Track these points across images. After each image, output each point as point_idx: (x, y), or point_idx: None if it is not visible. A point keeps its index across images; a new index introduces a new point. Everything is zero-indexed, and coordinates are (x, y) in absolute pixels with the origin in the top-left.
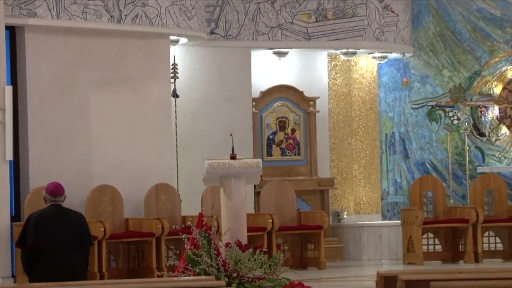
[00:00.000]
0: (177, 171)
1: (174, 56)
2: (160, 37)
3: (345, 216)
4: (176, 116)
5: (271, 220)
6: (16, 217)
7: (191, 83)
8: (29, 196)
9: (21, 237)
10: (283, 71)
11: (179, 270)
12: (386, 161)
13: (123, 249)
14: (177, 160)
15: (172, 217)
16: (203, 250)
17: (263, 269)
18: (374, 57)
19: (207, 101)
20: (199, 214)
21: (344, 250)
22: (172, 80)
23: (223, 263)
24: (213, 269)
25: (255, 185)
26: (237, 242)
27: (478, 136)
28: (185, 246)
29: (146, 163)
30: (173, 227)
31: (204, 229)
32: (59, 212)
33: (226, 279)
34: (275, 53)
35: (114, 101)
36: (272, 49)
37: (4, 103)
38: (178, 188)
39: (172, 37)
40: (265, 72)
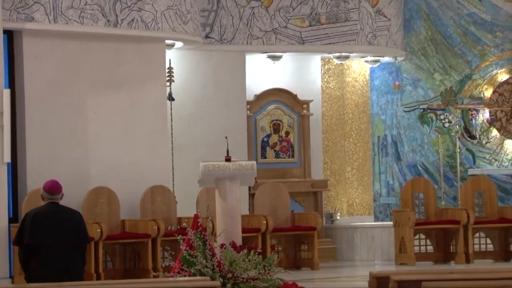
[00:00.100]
0: (173, 173)
1: (169, 60)
2: (156, 41)
3: (338, 218)
4: (171, 118)
5: (265, 222)
6: (14, 218)
7: (186, 86)
8: (26, 198)
9: (18, 235)
10: (277, 75)
11: (175, 270)
12: (378, 163)
13: (119, 250)
14: (173, 162)
15: (167, 219)
16: (198, 251)
17: (257, 269)
18: (366, 61)
19: (203, 104)
20: (195, 215)
21: (337, 251)
22: (168, 84)
23: (218, 263)
24: (208, 270)
25: (249, 187)
26: (231, 243)
27: (469, 139)
28: (181, 247)
29: (142, 165)
30: (169, 228)
31: (199, 230)
32: (56, 210)
33: (221, 280)
34: (269, 57)
35: (110, 104)
36: (266, 53)
37: (2, 106)
38: (173, 190)
39: (167, 41)
40: (260, 76)
